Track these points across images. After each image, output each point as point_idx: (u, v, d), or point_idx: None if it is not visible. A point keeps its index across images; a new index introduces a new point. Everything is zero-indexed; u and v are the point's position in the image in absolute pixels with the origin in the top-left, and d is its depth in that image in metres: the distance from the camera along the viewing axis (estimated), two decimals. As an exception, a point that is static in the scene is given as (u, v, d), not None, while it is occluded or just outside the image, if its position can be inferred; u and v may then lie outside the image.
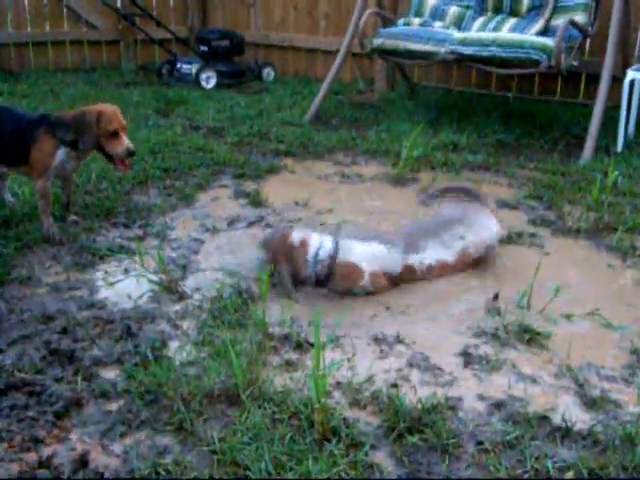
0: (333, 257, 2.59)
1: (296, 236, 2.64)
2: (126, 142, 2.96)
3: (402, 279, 2.67)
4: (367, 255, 2.63)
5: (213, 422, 1.84)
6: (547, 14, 4.98)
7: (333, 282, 2.61)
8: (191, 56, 7.03)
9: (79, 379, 2.02)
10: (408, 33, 5.08)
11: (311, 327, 2.27)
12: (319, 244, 2.62)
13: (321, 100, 5.41)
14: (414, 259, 2.68)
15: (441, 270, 2.73)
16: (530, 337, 2.31)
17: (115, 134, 2.95)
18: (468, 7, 5.42)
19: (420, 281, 2.71)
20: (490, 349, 2.24)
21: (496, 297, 2.57)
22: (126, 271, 2.76)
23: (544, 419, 1.89)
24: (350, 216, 3.38)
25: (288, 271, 2.58)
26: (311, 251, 2.60)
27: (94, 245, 2.98)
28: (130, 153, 2.97)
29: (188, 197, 3.61)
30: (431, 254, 2.71)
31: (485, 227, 2.87)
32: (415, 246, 2.70)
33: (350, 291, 2.60)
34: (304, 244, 2.62)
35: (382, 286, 2.62)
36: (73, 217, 3.23)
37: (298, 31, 7.27)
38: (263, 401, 1.89)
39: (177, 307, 2.48)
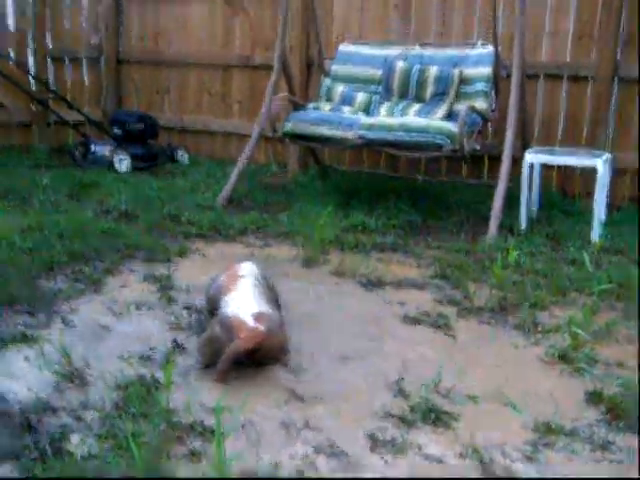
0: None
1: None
2: None
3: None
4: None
5: (113, 519, 1.78)
6: (449, 100, 5.24)
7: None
8: (105, 139, 7.02)
9: (-28, 478, 1.93)
10: (318, 118, 5.24)
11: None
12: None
13: (234, 183, 5.46)
14: None
15: None
16: (436, 418, 2.34)
17: None
18: (375, 93, 5.64)
19: (327, 367, 2.73)
20: (396, 431, 2.26)
21: (401, 378, 2.60)
22: (28, 360, 2.68)
23: (449, 501, 1.91)
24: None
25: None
26: None
27: (-5, 334, 2.89)
28: None
29: (96, 282, 3.55)
30: None
31: None
32: None
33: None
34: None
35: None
36: None
37: (212, 115, 7.38)
38: (165, 494, 1.85)
39: (80, 398, 2.41)
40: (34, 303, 3.25)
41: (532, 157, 4.82)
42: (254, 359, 2.63)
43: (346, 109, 5.48)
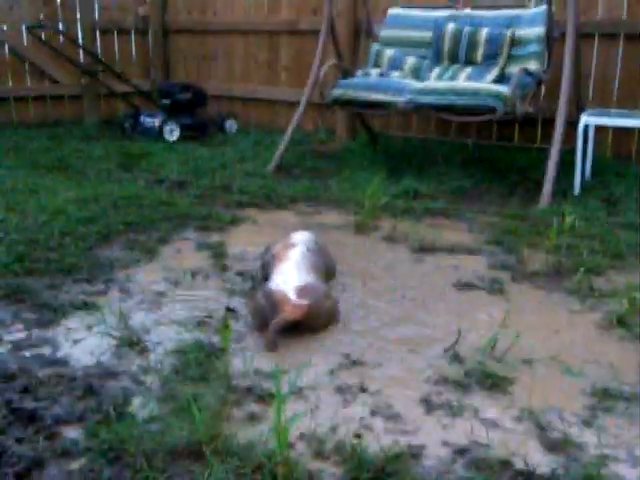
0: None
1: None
2: None
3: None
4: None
5: (176, 479, 1.82)
6: (502, 63, 5.14)
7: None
8: (154, 109, 7.08)
9: (41, 438, 1.99)
10: (367, 84, 5.20)
11: (274, 378, 2.27)
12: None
13: (283, 151, 5.48)
14: None
15: None
16: (492, 383, 2.33)
17: None
18: (425, 57, 5.56)
19: (381, 332, 2.74)
20: (452, 395, 2.26)
21: (455, 342, 2.59)
22: (88, 327, 2.75)
23: (506, 464, 1.90)
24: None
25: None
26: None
27: (56, 302, 2.96)
28: None
29: (151, 251, 3.62)
30: None
31: None
32: None
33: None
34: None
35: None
36: None
37: (259, 83, 7.38)
38: (226, 456, 1.88)
39: (140, 362, 2.47)
40: (92, 272, 3.32)
41: (588, 119, 4.72)
42: (300, 329, 2.66)
43: (395, 74, 5.42)
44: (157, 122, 6.78)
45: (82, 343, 2.62)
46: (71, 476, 1.85)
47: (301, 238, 3.16)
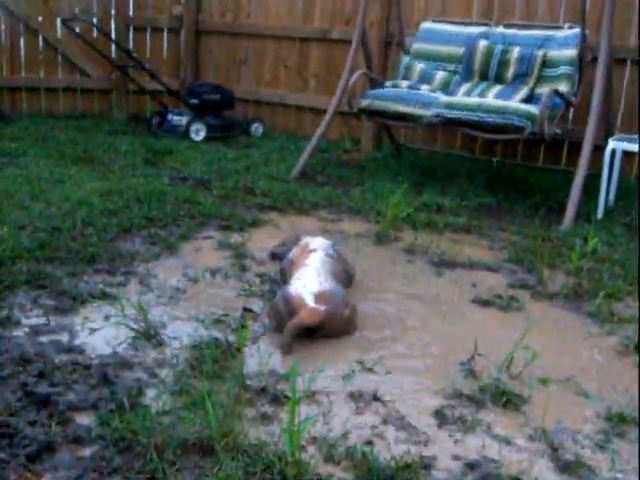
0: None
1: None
2: None
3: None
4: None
5: (185, 472, 1.83)
6: (532, 82, 5.12)
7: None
8: (181, 108, 7.12)
9: (53, 423, 2.00)
10: (395, 95, 5.20)
11: (288, 380, 2.27)
12: None
13: (308, 157, 5.48)
14: None
15: None
16: (506, 400, 2.32)
17: None
18: (455, 72, 5.55)
19: (397, 343, 2.74)
20: (465, 410, 2.25)
21: (472, 357, 2.58)
22: (106, 317, 2.76)
23: (517, 481, 1.89)
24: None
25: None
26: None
27: (76, 290, 2.98)
28: None
29: (172, 246, 3.63)
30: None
31: None
32: None
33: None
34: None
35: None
36: None
37: (288, 89, 7.39)
38: (237, 453, 1.88)
39: (155, 355, 2.48)
40: (112, 263, 3.34)
41: (615, 144, 4.69)
42: (317, 335, 2.67)
43: (424, 87, 5.42)
44: (184, 121, 6.81)
45: (99, 332, 2.64)
46: (81, 462, 1.86)
47: (320, 244, 3.16)
